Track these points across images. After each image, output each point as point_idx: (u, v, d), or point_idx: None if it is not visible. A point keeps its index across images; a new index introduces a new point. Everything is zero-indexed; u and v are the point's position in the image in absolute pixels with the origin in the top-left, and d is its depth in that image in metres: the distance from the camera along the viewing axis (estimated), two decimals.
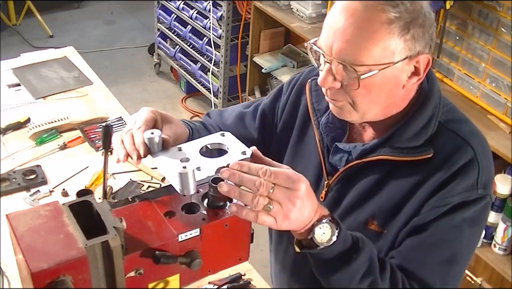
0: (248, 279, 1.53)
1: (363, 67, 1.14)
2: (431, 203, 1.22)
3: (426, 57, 1.19)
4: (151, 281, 1.08)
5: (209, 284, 1.48)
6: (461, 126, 1.28)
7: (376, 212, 1.28)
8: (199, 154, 1.12)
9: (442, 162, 1.23)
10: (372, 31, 1.13)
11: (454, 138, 1.25)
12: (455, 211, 1.22)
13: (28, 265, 0.95)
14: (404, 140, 1.25)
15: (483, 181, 1.23)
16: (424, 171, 1.24)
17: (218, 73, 3.77)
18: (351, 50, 1.14)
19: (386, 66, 1.15)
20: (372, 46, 1.13)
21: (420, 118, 1.25)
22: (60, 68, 2.40)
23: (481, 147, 1.26)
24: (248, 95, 3.71)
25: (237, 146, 1.13)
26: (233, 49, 3.70)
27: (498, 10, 2.36)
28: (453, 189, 1.22)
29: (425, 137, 1.24)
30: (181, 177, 1.02)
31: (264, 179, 1.01)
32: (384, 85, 1.19)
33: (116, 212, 1.09)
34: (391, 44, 1.14)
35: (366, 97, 1.20)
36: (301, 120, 1.46)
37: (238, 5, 3.55)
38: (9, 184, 1.80)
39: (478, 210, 1.24)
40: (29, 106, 2.17)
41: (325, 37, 1.18)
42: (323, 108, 1.38)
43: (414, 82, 1.22)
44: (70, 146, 2.00)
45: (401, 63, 1.17)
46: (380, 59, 1.15)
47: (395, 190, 1.26)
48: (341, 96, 1.21)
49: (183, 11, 3.91)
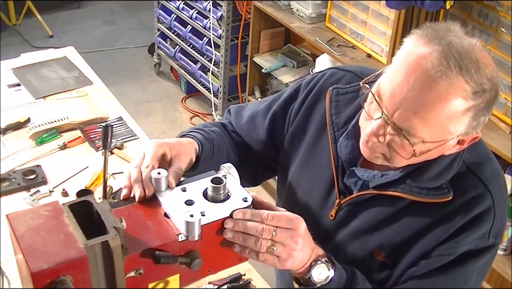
0: (248, 279, 1.53)
1: (418, 139, 1.10)
2: (442, 249, 1.20)
3: (473, 136, 1.15)
4: (151, 281, 1.08)
5: (209, 284, 1.48)
6: (484, 168, 1.22)
7: (384, 243, 1.26)
8: (203, 197, 1.13)
9: (460, 208, 1.19)
10: (444, 113, 1.06)
11: (476, 183, 1.20)
12: (465, 261, 1.20)
13: (27, 265, 0.95)
14: (425, 180, 1.19)
15: (496, 230, 1.21)
16: (440, 214, 1.20)
17: (218, 73, 3.77)
18: (415, 123, 1.07)
19: (441, 144, 1.11)
20: (437, 127, 1.08)
21: (445, 158, 1.19)
22: (59, 68, 2.40)
23: (499, 193, 1.22)
24: (248, 95, 3.71)
25: (238, 192, 1.15)
26: (233, 49, 3.70)
27: (498, 10, 2.36)
28: (466, 237, 1.19)
29: (446, 178, 1.19)
30: (188, 225, 1.05)
31: (266, 224, 1.09)
32: (431, 154, 1.15)
33: (116, 212, 1.09)
34: (455, 126, 1.09)
35: (406, 160, 1.16)
36: (316, 128, 1.38)
37: (238, 5, 3.55)
38: (9, 184, 1.80)
39: (486, 260, 1.22)
40: (29, 106, 2.17)
41: (390, 96, 1.09)
42: (341, 122, 1.31)
43: (456, 150, 1.17)
44: (70, 146, 2.00)
45: (454, 139, 1.12)
46: (438, 137, 1.10)
47: (407, 227, 1.23)
48: (380, 150, 1.16)
49: (183, 11, 3.91)
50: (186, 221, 1.05)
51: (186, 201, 1.12)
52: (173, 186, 1.15)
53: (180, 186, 1.16)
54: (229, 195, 1.14)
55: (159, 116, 4.12)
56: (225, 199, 1.13)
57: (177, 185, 1.16)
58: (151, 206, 1.13)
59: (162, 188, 1.14)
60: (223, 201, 1.13)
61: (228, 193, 1.14)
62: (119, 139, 2.04)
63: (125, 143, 2.03)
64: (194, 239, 1.07)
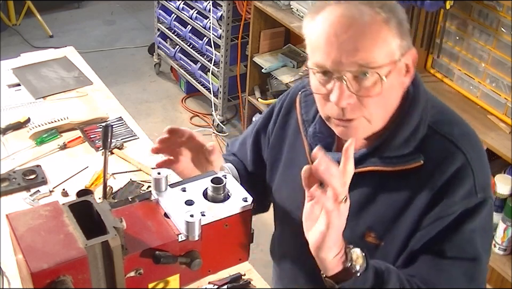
0: (248, 279, 1.53)
1: (374, 65, 1.14)
2: (433, 216, 1.20)
3: (413, 52, 1.21)
4: (151, 281, 1.08)
5: (209, 284, 1.48)
6: (451, 129, 1.25)
7: (373, 224, 1.26)
8: (203, 197, 1.13)
9: (433, 170, 1.21)
10: (376, 32, 1.14)
11: (444, 144, 1.23)
12: (462, 225, 1.20)
13: (27, 265, 0.95)
14: (393, 148, 1.23)
15: (480, 185, 1.21)
16: (417, 180, 1.22)
17: (218, 73, 3.77)
18: (364, 56, 1.13)
19: (394, 65, 1.16)
20: (380, 46, 1.14)
21: (408, 124, 1.22)
22: (59, 68, 2.40)
23: (473, 150, 1.23)
24: (248, 95, 3.71)
25: (238, 192, 1.15)
26: (233, 49, 3.70)
27: (498, 10, 2.36)
28: (451, 198, 1.20)
29: (414, 144, 1.22)
30: (188, 225, 1.05)
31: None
32: (394, 86, 1.19)
33: (116, 212, 1.09)
34: (392, 42, 1.15)
35: (381, 104, 1.18)
36: (292, 134, 1.44)
37: (238, 5, 3.55)
38: (9, 184, 1.80)
39: (483, 216, 1.22)
40: (29, 106, 2.17)
41: (328, 54, 1.15)
42: (311, 117, 1.37)
43: (408, 80, 1.22)
44: (70, 146, 2.00)
45: (401, 60, 1.18)
46: (389, 58, 1.15)
47: (390, 201, 1.24)
48: (357, 111, 1.18)
49: (183, 11, 3.91)
50: (186, 221, 1.05)
51: (186, 201, 1.12)
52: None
53: (179, 186, 1.16)
54: (229, 195, 1.14)
55: (159, 116, 4.12)
56: (225, 199, 1.13)
57: (177, 185, 1.16)
58: (151, 206, 1.13)
59: (162, 188, 1.14)
60: (223, 201, 1.13)
61: (228, 193, 1.14)
62: (119, 139, 2.04)
63: (125, 143, 2.03)
64: (194, 239, 1.07)
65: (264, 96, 3.63)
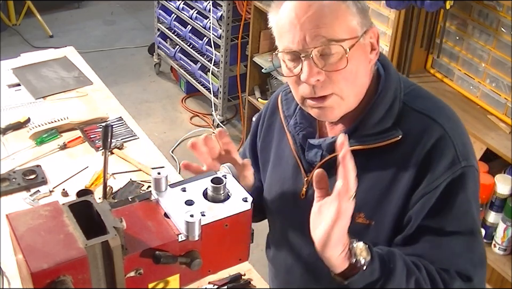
0: (248, 279, 1.53)
1: (338, 39, 1.18)
2: (421, 190, 1.22)
3: (375, 30, 1.25)
4: (151, 281, 1.08)
5: (209, 284, 1.48)
6: (425, 104, 1.29)
7: (361, 204, 1.25)
8: (203, 197, 1.13)
9: (413, 144, 1.23)
10: (335, 10, 1.18)
11: (421, 118, 1.26)
12: (455, 197, 1.21)
13: (27, 265, 0.95)
14: (370, 126, 1.26)
15: (462, 153, 1.23)
16: (399, 157, 1.24)
17: (218, 73, 3.77)
18: (326, 31, 1.18)
19: (356, 40, 1.20)
20: (341, 23, 1.18)
21: (382, 102, 1.26)
22: (59, 68, 2.41)
23: (448, 122, 1.26)
24: (248, 95, 3.71)
25: (238, 192, 1.15)
26: (233, 49, 3.70)
27: (498, 10, 2.36)
28: (435, 170, 1.21)
29: (391, 121, 1.26)
30: (188, 225, 1.05)
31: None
32: (360, 61, 1.22)
33: (116, 212, 1.09)
34: (352, 19, 1.20)
35: (349, 79, 1.22)
36: (277, 133, 1.48)
37: (238, 5, 3.55)
38: (9, 184, 1.80)
39: (471, 185, 1.23)
40: (29, 106, 2.18)
41: (293, 36, 1.20)
42: (292, 112, 1.41)
43: (374, 56, 1.26)
44: (70, 146, 2.00)
45: (364, 37, 1.22)
46: (351, 33, 1.19)
47: (375, 180, 1.26)
48: (327, 88, 1.22)
49: (183, 11, 3.91)
50: (187, 221, 1.05)
51: (186, 201, 1.12)
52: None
53: (179, 186, 1.16)
54: (229, 195, 1.14)
55: (159, 116, 4.12)
56: (225, 199, 1.13)
57: (177, 185, 1.16)
58: (151, 206, 1.13)
59: (162, 188, 1.14)
60: (223, 201, 1.13)
61: (228, 193, 1.14)
62: (119, 139, 2.04)
63: (125, 143, 2.03)
64: (194, 239, 1.07)
65: (264, 96, 3.63)
